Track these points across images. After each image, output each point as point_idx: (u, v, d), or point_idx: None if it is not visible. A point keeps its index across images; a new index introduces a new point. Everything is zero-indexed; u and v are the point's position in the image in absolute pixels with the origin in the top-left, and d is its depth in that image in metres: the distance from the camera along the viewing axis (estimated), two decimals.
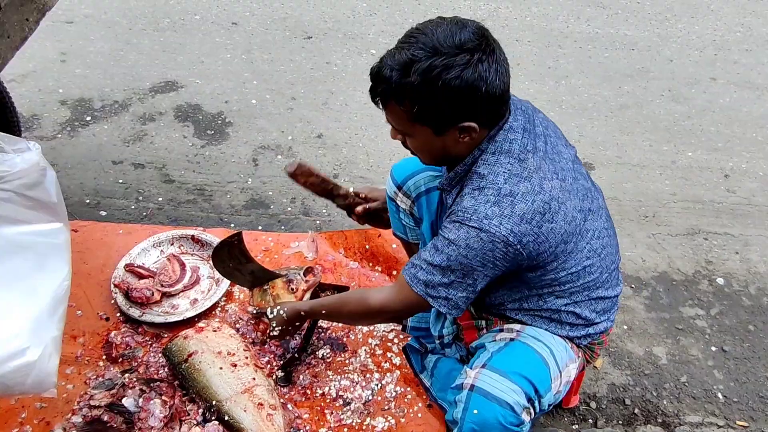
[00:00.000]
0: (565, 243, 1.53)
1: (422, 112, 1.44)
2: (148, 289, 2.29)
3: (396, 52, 1.44)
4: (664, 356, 2.36)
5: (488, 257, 1.48)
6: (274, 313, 1.93)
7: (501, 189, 1.48)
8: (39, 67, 3.63)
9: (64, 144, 3.12)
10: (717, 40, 4.33)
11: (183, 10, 4.31)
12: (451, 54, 1.39)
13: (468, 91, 1.41)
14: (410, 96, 1.43)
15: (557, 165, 1.56)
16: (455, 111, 1.45)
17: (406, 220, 2.13)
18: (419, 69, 1.39)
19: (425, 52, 1.40)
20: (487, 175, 1.51)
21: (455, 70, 1.38)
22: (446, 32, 1.41)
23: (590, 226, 1.61)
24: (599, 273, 1.65)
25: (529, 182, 1.48)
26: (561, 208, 1.50)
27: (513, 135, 1.54)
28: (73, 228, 2.53)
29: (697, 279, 2.67)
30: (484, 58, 1.41)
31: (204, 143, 3.21)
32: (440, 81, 1.39)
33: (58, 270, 1.59)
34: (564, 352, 1.68)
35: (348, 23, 4.29)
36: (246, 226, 2.74)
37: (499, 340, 1.69)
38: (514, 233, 1.45)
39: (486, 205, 1.47)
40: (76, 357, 2.12)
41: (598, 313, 1.71)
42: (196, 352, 2.00)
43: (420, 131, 1.51)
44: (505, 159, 1.51)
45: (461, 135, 1.50)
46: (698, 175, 3.23)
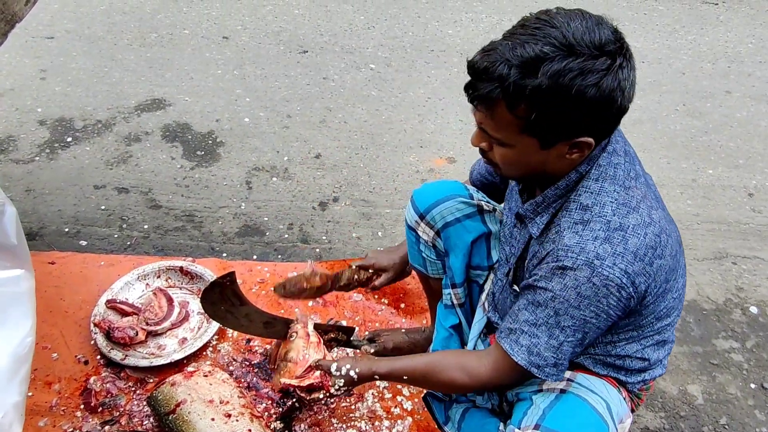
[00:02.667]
0: (666, 282, 1.33)
1: (540, 121, 1.21)
2: (132, 327, 2.11)
3: (517, 45, 1.18)
4: (700, 395, 2.17)
5: (602, 306, 1.27)
6: (342, 372, 1.61)
7: (610, 222, 1.26)
8: (17, 85, 3.46)
9: (42, 167, 2.93)
10: (729, 52, 4.21)
11: (171, 25, 4.16)
12: (591, 56, 1.16)
13: (604, 102, 1.18)
14: (531, 100, 1.18)
15: (655, 191, 1.37)
16: (580, 123, 1.22)
17: (427, 253, 1.91)
18: (550, 70, 1.15)
19: (558, 49, 1.16)
20: (591, 206, 1.29)
21: (594, 76, 1.15)
22: (582, 28, 1.17)
23: (682, 263, 1.42)
24: (675, 315, 1.46)
25: (638, 213, 1.27)
26: (669, 240, 1.30)
27: (617, 159, 1.32)
28: (50, 260, 2.39)
29: (728, 308, 2.48)
30: (625, 64, 1.19)
31: (193, 165, 3.02)
32: (575, 87, 1.15)
33: (20, 324, 1.38)
34: (619, 404, 1.47)
35: (345, 37, 4.14)
36: (239, 256, 2.55)
37: (546, 390, 1.47)
38: (627, 274, 1.24)
39: (595, 242, 1.25)
40: (50, 407, 1.94)
41: (659, 359, 1.51)
42: (184, 401, 1.83)
43: (523, 142, 1.27)
44: (610, 186, 1.29)
45: (571, 150, 1.27)
46: (721, 194, 3.06)
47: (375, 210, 2.81)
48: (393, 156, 3.14)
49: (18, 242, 1.47)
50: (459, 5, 4.60)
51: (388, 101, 3.51)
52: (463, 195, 1.77)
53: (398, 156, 3.14)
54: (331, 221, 2.75)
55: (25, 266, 1.47)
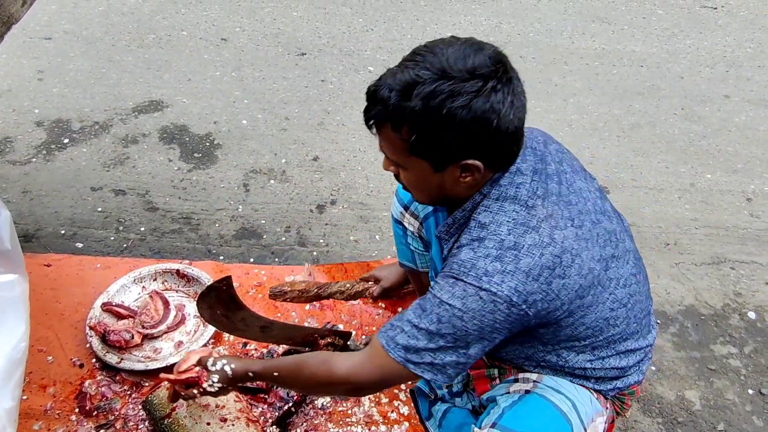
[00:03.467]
0: (581, 297, 1.33)
1: (421, 143, 1.25)
2: (128, 331, 2.10)
3: (398, 71, 1.25)
4: (698, 401, 2.16)
5: (487, 320, 1.28)
6: (217, 367, 1.59)
7: (504, 241, 1.28)
8: (14, 86, 3.44)
9: (38, 169, 2.91)
10: (728, 56, 4.21)
11: (169, 26, 4.14)
12: (461, 79, 1.20)
13: (476, 124, 1.21)
14: (409, 123, 1.24)
15: (574, 209, 1.36)
16: (459, 146, 1.25)
17: (415, 245, 1.93)
18: (422, 92, 1.20)
19: (431, 73, 1.21)
20: (488, 224, 1.31)
21: (463, 98, 1.19)
22: (458, 53, 1.22)
23: (614, 275, 1.40)
24: (626, 324, 1.44)
25: (537, 233, 1.28)
26: (575, 260, 1.30)
27: (520, 178, 1.33)
28: (46, 262, 2.38)
29: (726, 313, 2.48)
30: (499, 87, 1.21)
31: (191, 167, 3.01)
32: (445, 109, 1.19)
33: (13, 329, 1.36)
34: (589, 404, 1.47)
35: (344, 39, 4.13)
36: (236, 258, 2.53)
37: (512, 392, 1.49)
38: (518, 292, 1.25)
39: (486, 259, 1.27)
40: (45, 410, 1.92)
41: (629, 367, 1.50)
42: (180, 405, 1.81)
43: (416, 165, 1.31)
44: (510, 206, 1.31)
45: (463, 174, 1.30)
46: (719, 198, 3.06)
47: (373, 213, 2.80)
48: None
49: (12, 247, 1.45)
50: (458, 8, 4.59)
51: None
52: None
53: None
54: (328, 224, 2.74)
55: (18, 271, 1.45)
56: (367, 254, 2.59)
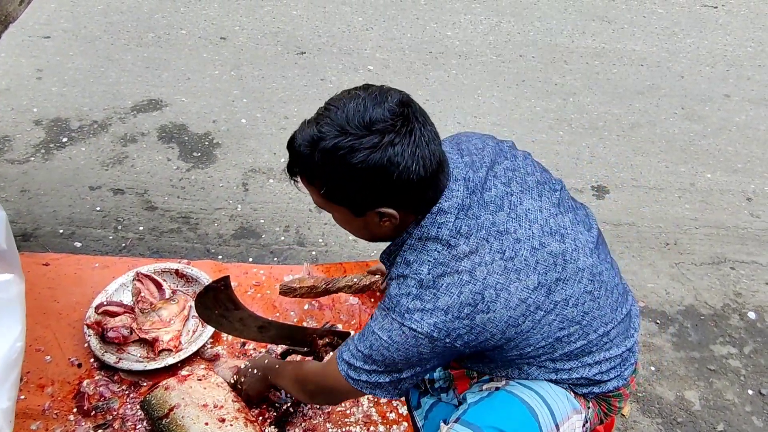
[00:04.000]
0: (515, 326, 1.34)
1: (332, 193, 1.32)
2: (126, 327, 2.10)
3: (308, 126, 1.30)
4: (697, 401, 2.15)
5: (412, 352, 1.35)
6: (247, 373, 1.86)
7: (423, 280, 1.32)
8: (13, 85, 3.43)
9: (37, 168, 2.90)
10: (728, 56, 4.20)
11: (168, 25, 4.13)
12: (358, 135, 1.23)
13: (376, 176, 1.25)
14: (317, 175, 1.30)
15: (509, 238, 1.34)
16: (366, 196, 1.30)
17: None
18: (323, 148, 1.25)
19: (333, 129, 1.25)
20: (412, 262, 1.35)
21: (361, 154, 1.23)
22: (357, 108, 1.25)
23: (559, 297, 1.37)
24: (584, 340, 1.42)
25: (457, 272, 1.30)
26: (500, 294, 1.30)
27: (443, 218, 1.34)
28: (44, 262, 2.37)
29: (726, 313, 2.47)
30: (397, 140, 1.23)
31: (190, 166, 3.00)
32: (345, 165, 1.24)
33: (9, 329, 1.35)
34: (565, 401, 1.46)
35: (343, 38, 4.12)
36: (235, 258, 2.53)
37: (484, 389, 1.50)
38: (438, 329, 1.31)
39: (408, 297, 1.33)
40: (43, 410, 1.91)
41: (603, 373, 1.49)
42: (178, 405, 1.81)
43: (338, 210, 1.37)
44: (432, 245, 1.34)
45: (381, 219, 1.35)
46: (719, 198, 3.05)
47: None
48: None
49: (8, 246, 1.44)
50: (458, 7, 4.58)
51: None
52: None
53: None
54: (327, 224, 2.73)
55: (14, 271, 1.45)
56: (365, 254, 2.59)
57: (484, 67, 3.91)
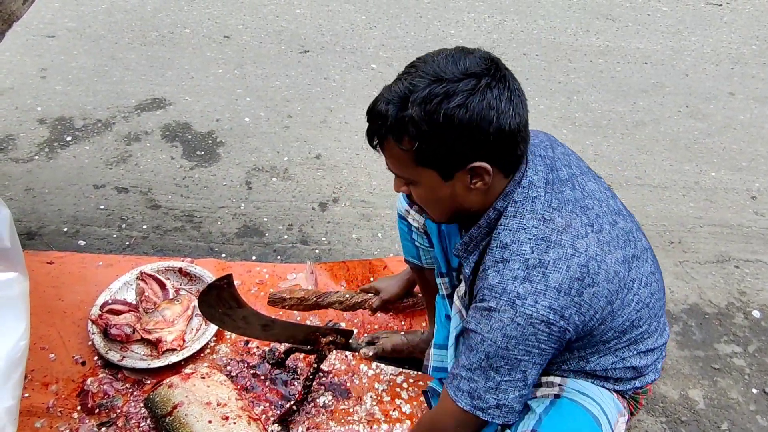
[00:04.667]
0: (611, 303, 1.32)
1: (424, 151, 1.25)
2: (129, 325, 2.11)
3: (393, 84, 1.27)
4: (702, 400, 2.14)
5: (531, 343, 1.27)
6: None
7: (528, 260, 1.26)
8: (17, 84, 3.44)
9: (41, 167, 2.91)
10: (733, 54, 4.18)
11: (172, 23, 4.13)
12: (455, 80, 1.21)
13: (475, 122, 1.20)
14: (409, 132, 1.23)
15: (591, 213, 1.34)
16: (462, 148, 1.24)
17: (420, 241, 1.92)
18: (417, 99, 1.21)
19: (425, 80, 1.22)
20: (510, 243, 1.29)
21: (459, 97, 1.19)
22: (449, 59, 1.24)
23: (636, 275, 1.38)
24: (648, 324, 1.43)
25: (560, 246, 1.27)
26: (601, 266, 1.28)
27: (534, 192, 1.32)
28: (48, 260, 2.38)
29: (731, 312, 2.46)
30: (494, 84, 1.21)
31: (193, 165, 3.00)
32: (442, 111, 1.19)
33: (13, 328, 1.36)
34: (612, 404, 1.46)
35: (347, 36, 4.12)
36: (238, 256, 2.52)
37: (540, 397, 1.47)
38: (553, 310, 1.24)
39: (515, 282, 1.26)
40: (47, 408, 1.92)
41: (647, 366, 1.49)
42: (181, 404, 1.82)
43: (425, 176, 1.30)
44: (528, 222, 1.30)
45: (473, 180, 1.29)
46: (723, 196, 3.04)
47: (375, 211, 2.79)
48: None
49: (12, 245, 1.44)
50: (461, 5, 4.57)
51: None
52: None
53: None
54: (330, 222, 2.73)
55: (18, 269, 1.45)
56: (369, 252, 2.58)
57: None
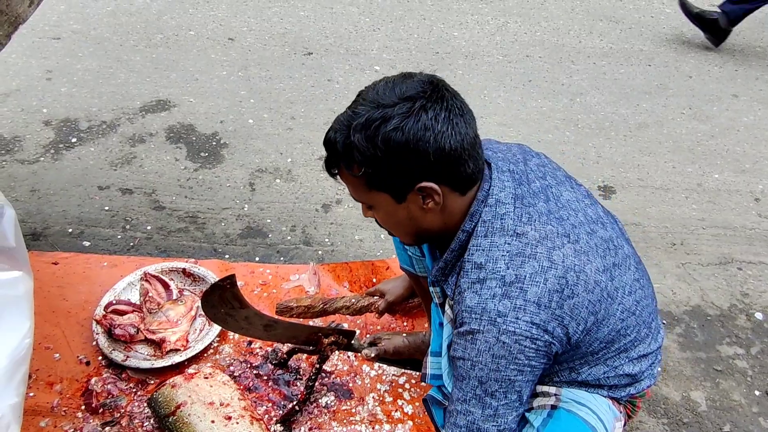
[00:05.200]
0: (594, 314, 1.32)
1: (372, 175, 1.30)
2: (133, 325, 2.12)
3: (341, 114, 1.32)
4: (704, 402, 2.14)
5: (521, 361, 1.27)
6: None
7: (504, 276, 1.27)
8: (23, 86, 3.45)
9: (46, 168, 2.92)
10: (736, 56, 4.18)
11: (177, 26, 4.15)
12: (390, 105, 1.25)
13: (412, 143, 1.24)
14: (355, 158, 1.28)
15: (566, 224, 1.35)
16: (405, 169, 1.27)
17: (412, 251, 1.93)
18: (358, 125, 1.26)
19: (366, 107, 1.27)
20: (484, 263, 1.30)
21: (395, 120, 1.24)
22: (388, 85, 1.29)
23: (619, 284, 1.38)
24: (636, 332, 1.43)
25: (535, 259, 1.27)
26: (580, 277, 1.29)
27: (503, 209, 1.33)
28: (53, 260, 2.38)
29: (733, 314, 2.46)
30: (429, 105, 1.25)
31: (197, 166, 3.01)
32: (380, 135, 1.24)
33: (18, 326, 1.37)
34: (608, 410, 1.47)
35: (350, 39, 4.13)
36: (242, 257, 2.53)
37: (537, 408, 1.47)
38: (535, 324, 1.25)
39: (494, 300, 1.26)
40: (51, 407, 1.93)
41: (641, 372, 1.49)
42: (184, 403, 1.82)
43: (380, 200, 1.35)
44: (500, 239, 1.30)
45: (424, 201, 1.32)
46: (727, 198, 3.03)
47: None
48: None
49: (17, 244, 1.46)
50: (464, 7, 4.58)
51: None
52: None
53: None
54: (333, 223, 2.74)
55: (23, 268, 1.46)
56: (371, 253, 2.59)
57: (491, 68, 3.91)
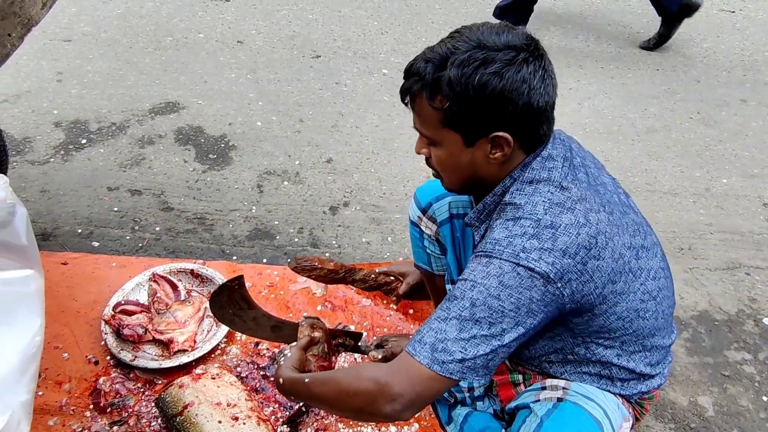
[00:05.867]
0: (612, 283, 1.32)
1: (454, 112, 1.28)
2: (141, 326, 2.13)
3: (435, 46, 1.31)
4: (711, 407, 2.14)
5: (524, 298, 1.23)
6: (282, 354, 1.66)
7: (541, 220, 1.27)
8: (34, 87, 3.48)
9: (56, 169, 2.94)
10: (745, 60, 4.17)
11: (186, 29, 4.17)
12: (495, 48, 1.25)
13: (507, 92, 1.24)
14: (443, 90, 1.27)
15: (603, 197, 1.37)
16: (489, 115, 1.28)
17: (431, 248, 1.94)
18: (456, 60, 1.25)
19: (467, 44, 1.26)
20: (524, 204, 1.31)
21: (496, 65, 1.23)
22: (493, 30, 1.28)
23: (644, 265, 1.40)
24: (654, 318, 1.44)
25: (573, 213, 1.28)
26: (608, 243, 1.30)
27: (551, 163, 1.35)
28: (62, 261, 2.40)
29: (741, 319, 2.45)
30: (531, 60, 1.26)
31: (206, 168, 3.03)
32: (478, 75, 1.24)
33: (29, 324, 1.38)
34: (617, 409, 1.46)
35: (358, 42, 4.14)
36: (249, 259, 2.55)
37: (544, 400, 1.46)
38: (555, 268, 1.24)
39: (523, 237, 1.26)
40: (60, 406, 1.94)
41: (652, 366, 1.49)
42: (192, 404, 1.83)
43: (449, 139, 1.34)
44: (544, 187, 1.31)
45: (493, 150, 1.32)
46: (735, 203, 3.02)
47: (385, 215, 2.81)
48: (404, 161, 3.13)
49: (28, 242, 1.47)
50: (472, 11, 4.59)
51: (400, 106, 3.43)
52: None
53: (409, 161, 3.13)
54: (341, 226, 2.75)
55: (34, 266, 1.47)
56: (378, 256, 2.60)
57: None
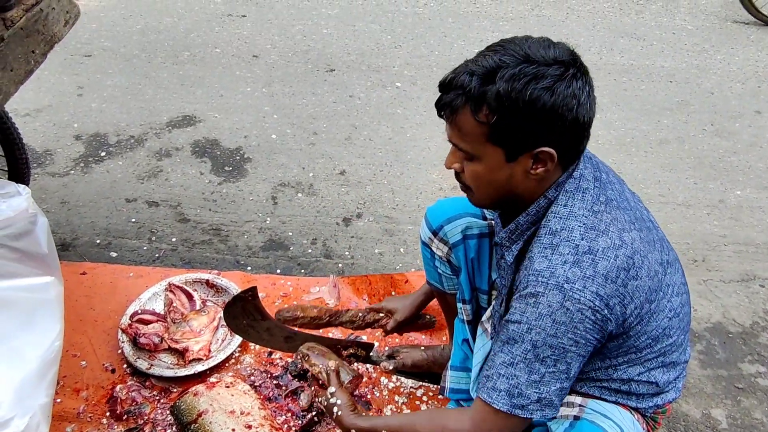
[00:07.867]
0: (650, 302, 1.33)
1: (500, 126, 1.25)
2: (157, 335, 2.16)
3: (479, 58, 1.27)
4: (725, 420, 2.12)
5: (579, 330, 1.25)
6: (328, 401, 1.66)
7: (579, 246, 1.26)
8: (55, 101, 3.56)
9: (76, 181, 3.01)
10: (759, 72, 4.15)
11: (203, 43, 4.25)
12: (544, 63, 1.22)
13: (557, 108, 1.22)
14: (490, 105, 1.24)
15: (632, 214, 1.36)
16: (537, 130, 1.24)
17: (442, 269, 1.93)
18: (506, 75, 1.22)
19: (515, 59, 1.23)
20: (560, 230, 1.29)
21: (547, 80, 1.21)
22: (538, 44, 1.26)
23: (670, 281, 1.40)
24: (677, 335, 1.44)
25: (608, 236, 1.28)
26: (644, 261, 1.30)
27: (585, 184, 1.33)
28: (81, 270, 2.44)
29: (755, 331, 2.43)
30: (579, 75, 1.25)
31: (221, 180, 3.07)
32: (528, 91, 1.21)
33: (49, 329, 1.41)
34: (632, 427, 1.45)
35: (372, 55, 4.19)
36: (264, 269, 2.58)
37: (560, 418, 1.46)
38: (600, 296, 1.24)
39: (564, 266, 1.25)
40: (77, 413, 1.97)
41: (669, 382, 1.49)
42: (206, 411, 1.85)
43: (490, 154, 1.30)
44: (579, 211, 1.30)
45: (534, 165, 1.29)
46: (749, 215, 3.01)
47: (398, 227, 2.83)
48: (417, 173, 3.16)
49: (48, 251, 1.51)
50: (485, 24, 4.62)
51: (413, 119, 3.53)
52: (475, 213, 1.78)
53: (422, 173, 3.15)
54: (354, 237, 2.77)
55: (54, 274, 1.51)
56: (391, 267, 2.62)
57: None
